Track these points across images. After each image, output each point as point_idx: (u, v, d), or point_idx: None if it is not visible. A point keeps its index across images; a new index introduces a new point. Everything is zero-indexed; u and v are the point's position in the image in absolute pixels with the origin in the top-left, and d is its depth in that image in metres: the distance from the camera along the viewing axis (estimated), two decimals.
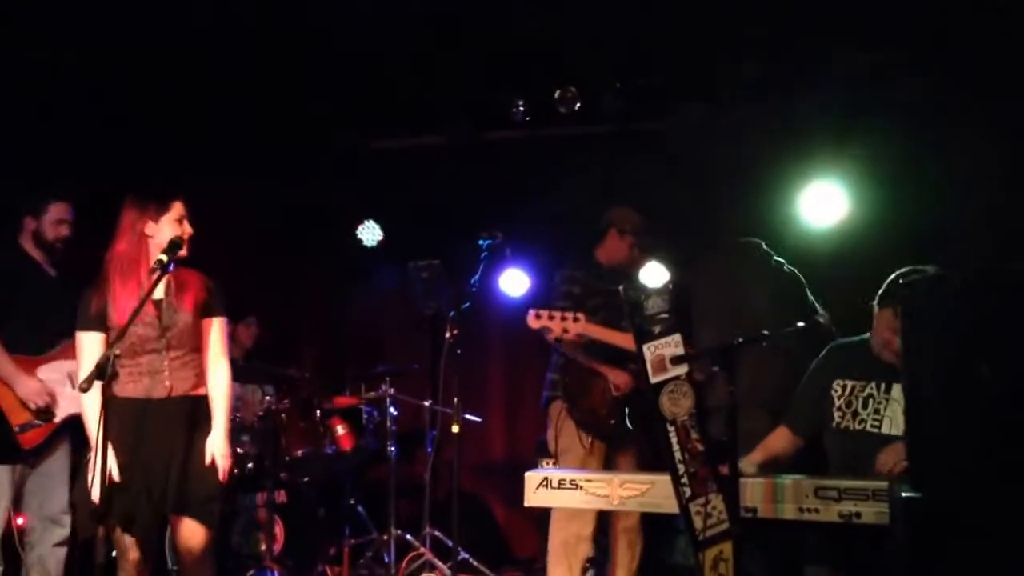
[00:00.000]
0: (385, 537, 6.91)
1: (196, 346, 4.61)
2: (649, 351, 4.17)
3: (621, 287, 4.45)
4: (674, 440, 4.14)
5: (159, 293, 4.49)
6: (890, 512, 3.89)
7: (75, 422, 5.19)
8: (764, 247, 6.02)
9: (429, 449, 7.06)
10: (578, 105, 7.69)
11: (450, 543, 6.94)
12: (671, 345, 4.17)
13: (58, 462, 5.39)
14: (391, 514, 6.87)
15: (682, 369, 4.17)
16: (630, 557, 5.97)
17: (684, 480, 4.14)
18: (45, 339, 5.33)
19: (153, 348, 4.50)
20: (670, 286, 4.18)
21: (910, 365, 3.26)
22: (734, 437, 4.02)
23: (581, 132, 7.93)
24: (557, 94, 7.65)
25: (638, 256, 6.19)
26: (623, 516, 5.91)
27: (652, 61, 7.37)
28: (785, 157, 7.20)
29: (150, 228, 4.52)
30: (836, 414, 4.83)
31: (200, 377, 4.64)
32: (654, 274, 6.70)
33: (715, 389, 5.66)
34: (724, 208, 6.91)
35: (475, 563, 6.87)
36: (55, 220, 5.50)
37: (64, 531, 5.36)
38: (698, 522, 4.10)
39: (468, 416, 7.19)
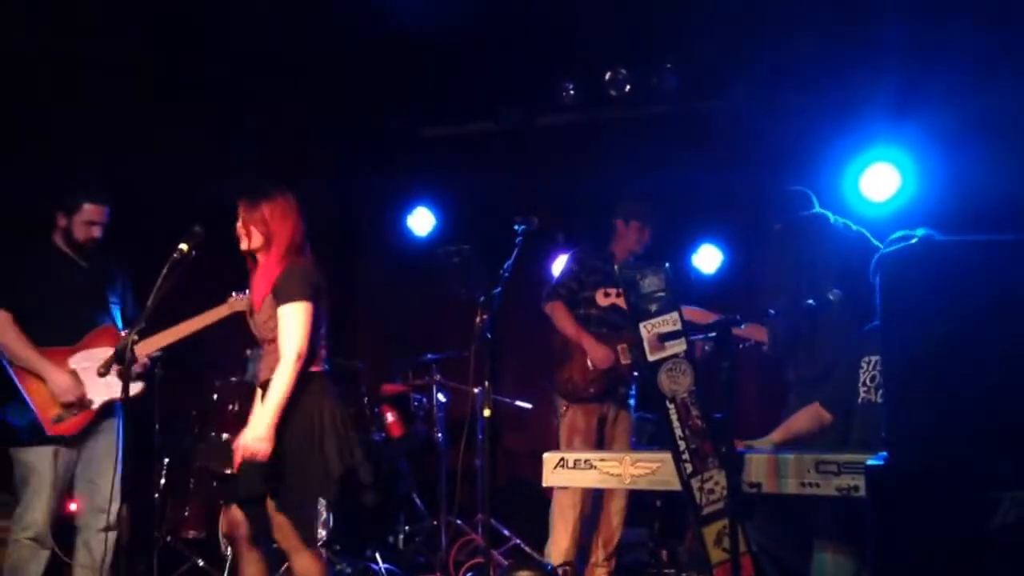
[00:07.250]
0: (436, 523, 6.93)
1: (275, 336, 4.58)
2: (646, 329, 4.13)
3: (616, 265, 4.40)
4: (674, 417, 4.11)
5: None
6: None
7: (116, 408, 5.39)
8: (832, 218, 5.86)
9: (480, 436, 7.06)
10: (628, 87, 7.63)
11: (505, 531, 6.98)
12: (668, 323, 4.12)
13: (103, 448, 5.41)
14: (442, 501, 6.88)
15: (680, 347, 4.12)
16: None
17: (685, 456, 4.10)
18: (78, 328, 5.40)
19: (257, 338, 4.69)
20: (667, 264, 4.11)
21: (886, 335, 3.19)
22: (730, 412, 3.96)
23: (632, 114, 7.87)
24: (608, 76, 7.61)
25: (649, 238, 6.23)
26: (615, 498, 6.25)
27: (702, 40, 7.28)
28: (839, 133, 7.08)
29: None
30: (862, 389, 4.74)
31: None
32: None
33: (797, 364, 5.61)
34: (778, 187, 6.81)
35: (528, 549, 6.86)
36: (86, 221, 5.48)
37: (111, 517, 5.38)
38: (700, 498, 4.06)
39: (518, 403, 7.21)
